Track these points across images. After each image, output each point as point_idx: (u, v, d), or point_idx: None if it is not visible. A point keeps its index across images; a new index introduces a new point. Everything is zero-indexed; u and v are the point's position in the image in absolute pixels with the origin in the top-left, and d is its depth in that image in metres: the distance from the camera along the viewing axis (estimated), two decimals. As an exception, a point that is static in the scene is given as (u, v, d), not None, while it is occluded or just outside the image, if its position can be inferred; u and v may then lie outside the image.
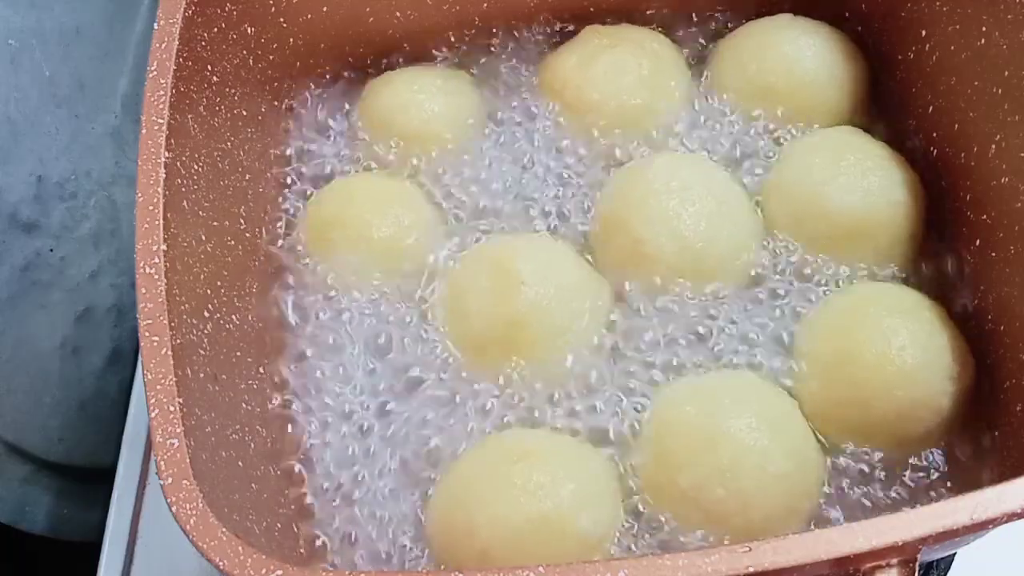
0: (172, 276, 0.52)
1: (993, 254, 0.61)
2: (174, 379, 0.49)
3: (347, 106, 0.73)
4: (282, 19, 0.70)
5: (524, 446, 0.57)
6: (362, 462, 0.60)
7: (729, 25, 0.74)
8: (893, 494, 0.58)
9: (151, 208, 0.53)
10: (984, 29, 0.60)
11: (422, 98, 0.70)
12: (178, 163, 0.56)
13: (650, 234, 0.62)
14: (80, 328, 0.78)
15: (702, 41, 0.74)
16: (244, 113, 0.66)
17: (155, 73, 0.56)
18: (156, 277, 0.51)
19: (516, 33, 0.75)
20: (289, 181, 0.70)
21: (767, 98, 0.69)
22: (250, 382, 0.60)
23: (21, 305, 0.73)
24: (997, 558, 0.65)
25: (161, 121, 0.55)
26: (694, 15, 0.75)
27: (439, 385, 0.62)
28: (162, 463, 0.47)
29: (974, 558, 0.64)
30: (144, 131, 0.55)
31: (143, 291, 0.51)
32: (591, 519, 0.54)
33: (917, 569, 0.44)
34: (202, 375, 0.53)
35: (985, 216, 0.61)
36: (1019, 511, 0.44)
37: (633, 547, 0.56)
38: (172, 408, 0.48)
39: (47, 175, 0.75)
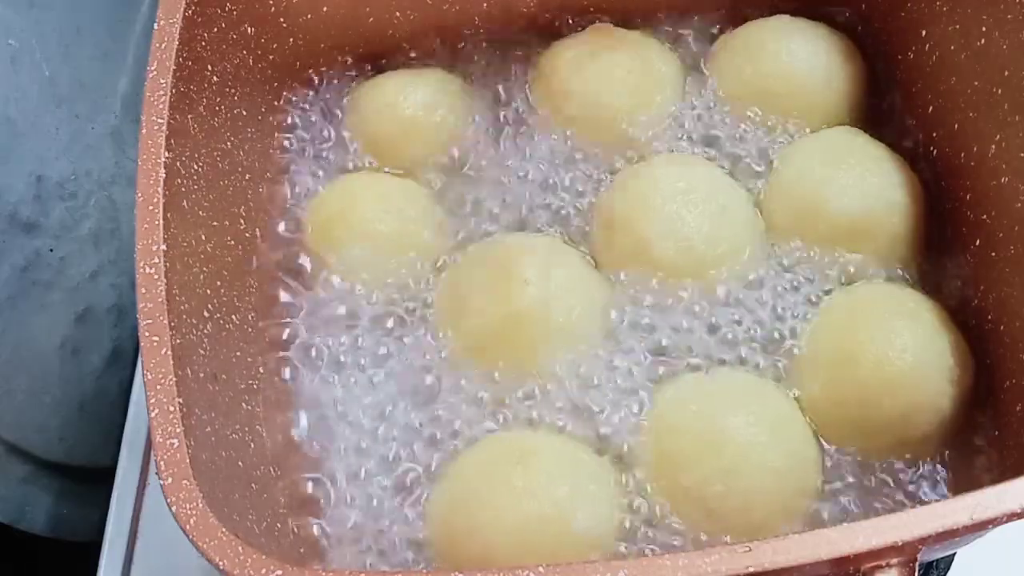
0: (172, 276, 0.52)
1: (993, 254, 0.61)
2: (174, 379, 0.49)
3: (347, 106, 0.73)
4: (282, 19, 0.70)
5: (524, 446, 0.57)
6: (362, 460, 0.60)
7: (733, 23, 0.73)
8: (893, 494, 0.58)
9: (151, 208, 0.53)
10: (984, 29, 0.60)
11: (409, 102, 0.70)
12: (178, 163, 0.56)
13: (654, 234, 0.62)
14: (80, 328, 0.78)
15: (702, 41, 0.74)
16: (244, 113, 0.66)
17: (155, 73, 0.56)
18: (156, 277, 0.51)
19: (516, 33, 0.75)
20: (289, 180, 0.70)
21: (765, 99, 0.69)
22: (250, 382, 0.60)
23: (21, 305, 0.73)
24: (997, 558, 0.65)
25: (161, 121, 0.55)
26: (694, 15, 0.75)
27: (440, 384, 0.62)
28: (162, 463, 0.47)
29: (974, 558, 0.64)
30: (144, 131, 0.55)
31: (143, 291, 0.51)
32: (591, 519, 0.55)
33: (917, 569, 0.44)
34: (202, 375, 0.53)
35: (985, 216, 0.61)
36: (1019, 511, 0.44)
37: (633, 547, 0.56)
38: (172, 408, 0.48)
39: (47, 175, 0.75)
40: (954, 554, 0.64)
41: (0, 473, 0.73)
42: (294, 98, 0.73)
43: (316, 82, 0.74)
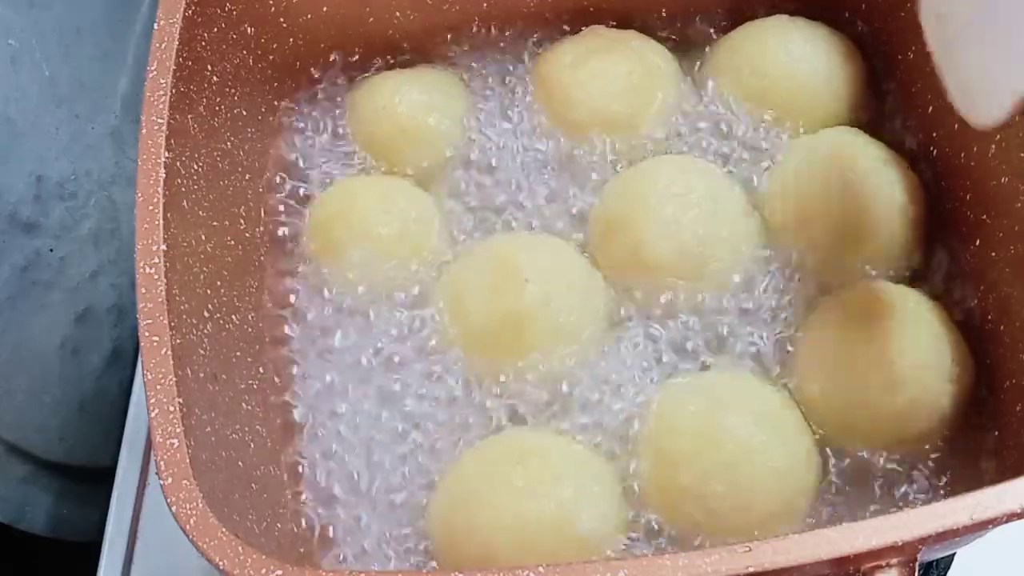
0: (172, 276, 0.52)
1: (993, 254, 0.61)
2: (174, 379, 0.49)
3: (346, 106, 0.73)
4: (282, 19, 0.70)
5: (525, 446, 0.57)
6: (363, 461, 0.60)
7: (732, 23, 0.73)
8: (892, 494, 0.58)
9: (151, 208, 0.53)
10: (984, 29, 0.60)
11: (405, 103, 0.70)
12: (178, 163, 0.56)
13: (651, 237, 0.62)
14: (80, 328, 0.78)
15: (701, 41, 0.74)
16: (244, 113, 0.66)
17: (155, 73, 0.56)
18: (156, 277, 0.51)
19: (515, 34, 0.75)
20: (289, 181, 0.70)
21: (765, 100, 0.69)
22: (250, 382, 0.60)
23: (21, 305, 0.73)
24: (997, 558, 0.65)
25: (161, 121, 0.55)
26: (695, 16, 0.75)
27: (441, 384, 0.62)
28: (162, 463, 0.47)
29: (974, 558, 0.64)
30: (144, 131, 0.55)
31: (143, 291, 0.51)
32: (592, 519, 0.55)
33: (917, 569, 0.44)
34: (202, 375, 0.53)
35: (985, 216, 0.61)
36: (1019, 511, 0.44)
37: (633, 547, 0.56)
38: (172, 408, 0.48)
39: (47, 175, 0.75)
40: (954, 554, 0.64)
41: (0, 473, 0.73)
42: (294, 98, 0.73)
43: (316, 82, 0.74)
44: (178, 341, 0.50)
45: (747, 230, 0.64)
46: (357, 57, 0.75)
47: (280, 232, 0.68)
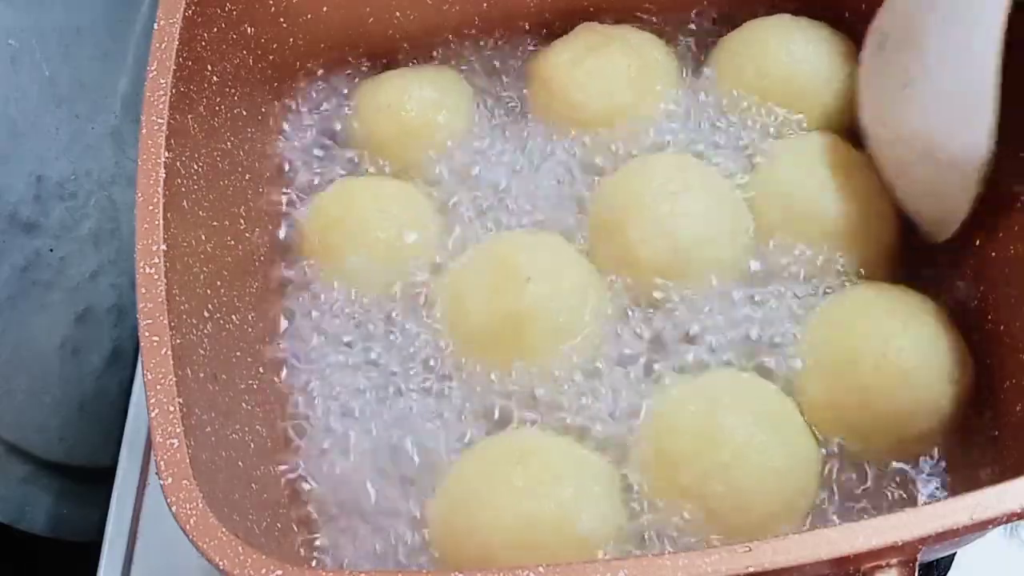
0: (172, 276, 0.52)
1: (993, 254, 0.61)
2: (174, 379, 0.49)
3: (347, 106, 0.73)
4: (282, 19, 0.70)
5: (525, 446, 0.57)
6: (362, 461, 0.60)
7: (733, 22, 0.73)
8: (892, 494, 0.58)
9: (151, 208, 0.53)
10: (984, 29, 0.60)
11: (411, 100, 0.70)
12: (178, 163, 0.56)
13: (645, 236, 0.62)
14: (80, 328, 0.78)
15: (702, 42, 0.74)
16: (244, 113, 0.66)
17: (155, 73, 0.56)
18: (156, 277, 0.51)
19: (515, 33, 0.75)
20: (289, 181, 0.70)
21: (766, 99, 0.68)
22: (250, 382, 0.60)
23: (21, 305, 0.73)
24: (997, 558, 0.65)
25: (161, 121, 0.55)
26: (695, 15, 0.75)
27: (440, 384, 0.62)
28: (162, 463, 0.47)
29: (974, 558, 0.64)
30: (144, 131, 0.55)
31: (143, 291, 0.51)
32: (592, 519, 0.54)
33: (917, 569, 0.44)
34: (202, 375, 0.53)
35: (985, 216, 0.61)
36: (1019, 511, 0.44)
37: (633, 547, 0.56)
38: (172, 408, 0.48)
39: (47, 175, 0.75)
40: (954, 554, 0.64)
41: (0, 473, 0.73)
42: (294, 98, 0.73)
43: (316, 82, 0.74)
44: (178, 341, 0.50)
45: (743, 230, 0.64)
46: (357, 57, 0.75)
47: (280, 232, 0.68)
